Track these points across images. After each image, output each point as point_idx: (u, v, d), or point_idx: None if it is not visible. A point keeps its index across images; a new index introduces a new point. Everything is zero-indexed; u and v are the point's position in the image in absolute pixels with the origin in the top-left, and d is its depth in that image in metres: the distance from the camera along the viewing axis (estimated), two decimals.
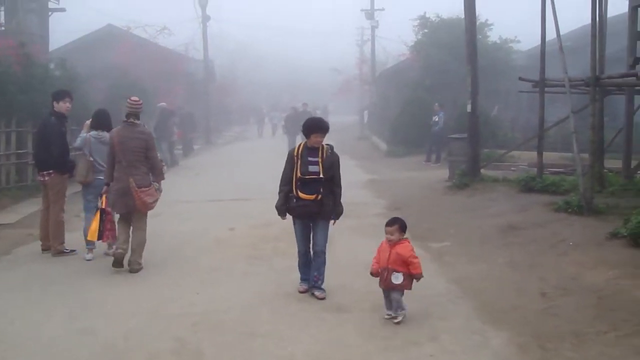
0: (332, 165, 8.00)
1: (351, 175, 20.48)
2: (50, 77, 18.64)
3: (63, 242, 10.21)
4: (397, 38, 39.96)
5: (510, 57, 28.15)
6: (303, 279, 8.21)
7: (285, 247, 10.30)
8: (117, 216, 9.55)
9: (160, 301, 7.67)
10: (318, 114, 42.72)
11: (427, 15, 30.43)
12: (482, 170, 16.40)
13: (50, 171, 10.09)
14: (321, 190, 7.90)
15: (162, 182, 9.71)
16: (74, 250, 10.20)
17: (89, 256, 9.90)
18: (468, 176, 15.78)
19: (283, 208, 8.09)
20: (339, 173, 8.15)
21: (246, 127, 53.76)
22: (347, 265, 9.29)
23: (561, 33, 12.27)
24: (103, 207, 9.37)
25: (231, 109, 56.15)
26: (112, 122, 10.34)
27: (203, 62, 39.99)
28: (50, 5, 29.84)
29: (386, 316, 6.97)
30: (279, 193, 8.12)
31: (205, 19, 39.75)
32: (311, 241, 8.19)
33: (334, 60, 61.06)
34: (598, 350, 5.82)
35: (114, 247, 9.39)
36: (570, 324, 6.51)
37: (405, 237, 7.24)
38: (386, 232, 7.21)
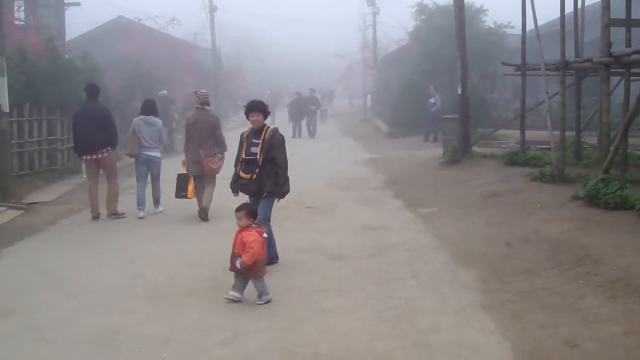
0: (271, 147, 8.39)
1: (354, 155, 22.19)
2: (74, 69, 20.17)
3: (116, 207, 12.32)
4: (398, 24, 41.36)
5: (504, 41, 29.43)
6: None
7: (292, 213, 12.00)
8: None
9: (195, 253, 9.37)
10: (321, 98, 44.17)
11: (425, 2, 31.83)
12: (474, 148, 17.93)
13: (108, 148, 12.09)
14: (257, 170, 8.38)
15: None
16: (123, 214, 12.24)
17: (159, 210, 12.70)
18: (459, 153, 17.34)
19: (234, 186, 8.79)
20: (283, 154, 8.51)
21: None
22: (347, 227, 10.91)
23: (552, 18, 13.62)
24: (184, 172, 11.88)
25: (238, 95, 57.44)
26: (127, 105, 12.30)
27: (211, 51, 41.40)
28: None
29: (226, 296, 7.23)
30: (234, 173, 8.81)
31: (212, 9, 41.26)
32: None
33: (337, 46, 62.31)
34: (543, 281, 7.38)
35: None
36: (526, 264, 8.09)
37: (255, 224, 7.41)
38: (236, 217, 7.42)
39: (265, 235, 7.39)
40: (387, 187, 15.25)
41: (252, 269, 7.12)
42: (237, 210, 7.42)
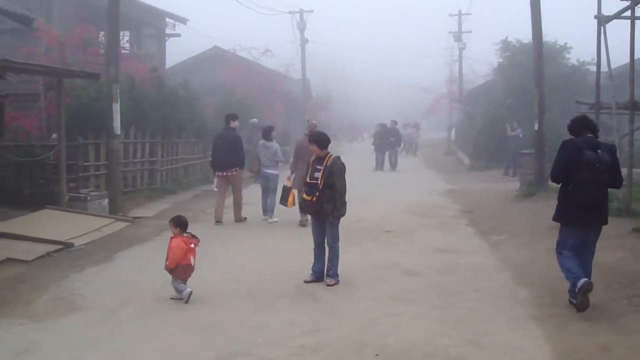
0: (331, 173, 9.27)
1: (434, 186, 23.14)
2: (176, 96, 21.84)
3: (241, 213, 15.13)
4: (484, 59, 42.05)
5: (587, 79, 29.87)
6: (313, 270, 9.59)
7: (373, 236, 13.18)
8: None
9: (284, 263, 10.73)
10: (407, 131, 44.98)
11: (509, 40, 32.54)
12: (550, 182, 18.62)
13: (236, 168, 14.59)
14: (317, 194, 9.30)
15: None
16: (246, 218, 15.13)
17: (273, 220, 15.08)
18: (534, 186, 18.13)
19: (301, 205, 10.20)
20: (341, 181, 9.36)
21: (339, 142, 56.66)
22: (420, 249, 11.96)
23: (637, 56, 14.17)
24: (289, 185, 13.55)
25: (327, 125, 58.65)
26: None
27: (301, 81, 42.97)
28: (167, 31, 33.31)
29: (171, 296, 8.58)
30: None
31: (304, 42, 42.97)
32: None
33: (424, 79, 63.15)
34: (592, 300, 8.15)
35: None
36: None
37: (186, 234, 8.84)
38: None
39: (192, 245, 8.73)
40: (462, 215, 16.17)
41: (175, 270, 8.54)
42: (169, 221, 9.11)
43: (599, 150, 7.89)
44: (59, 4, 23.45)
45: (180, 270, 8.55)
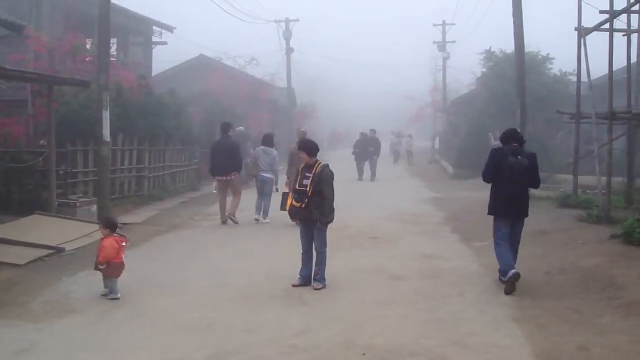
0: (320, 181, 9.50)
1: (419, 194, 23.47)
2: (164, 104, 22.04)
3: (235, 214, 16.00)
4: (468, 69, 42.55)
5: (569, 89, 30.34)
6: (301, 275, 9.83)
7: (360, 242, 13.46)
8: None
9: (272, 268, 10.94)
10: (392, 138, 45.47)
11: (492, 50, 33.03)
12: (532, 190, 18.96)
13: (234, 173, 16.01)
14: (306, 200, 9.54)
15: None
16: (238, 223, 15.82)
17: (265, 221, 16.13)
18: None
19: (290, 212, 10.12)
20: (329, 188, 9.59)
21: (323, 151, 56.92)
22: (407, 254, 12.25)
23: (615, 68, 14.54)
24: (286, 191, 13.92)
25: (312, 133, 58.51)
26: (207, 139, 14.73)
27: (286, 90, 43.22)
28: (154, 39, 33.50)
29: (109, 297, 8.97)
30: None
31: (289, 51, 43.26)
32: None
33: (409, 89, 63.55)
34: (570, 302, 8.61)
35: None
36: (559, 289, 9.31)
37: (116, 234, 9.25)
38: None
39: (124, 244, 9.25)
40: (446, 223, 16.47)
41: (107, 269, 8.98)
42: (100, 222, 9.66)
43: (519, 157, 9.67)
44: (49, 12, 23.63)
45: (112, 268, 9.01)
